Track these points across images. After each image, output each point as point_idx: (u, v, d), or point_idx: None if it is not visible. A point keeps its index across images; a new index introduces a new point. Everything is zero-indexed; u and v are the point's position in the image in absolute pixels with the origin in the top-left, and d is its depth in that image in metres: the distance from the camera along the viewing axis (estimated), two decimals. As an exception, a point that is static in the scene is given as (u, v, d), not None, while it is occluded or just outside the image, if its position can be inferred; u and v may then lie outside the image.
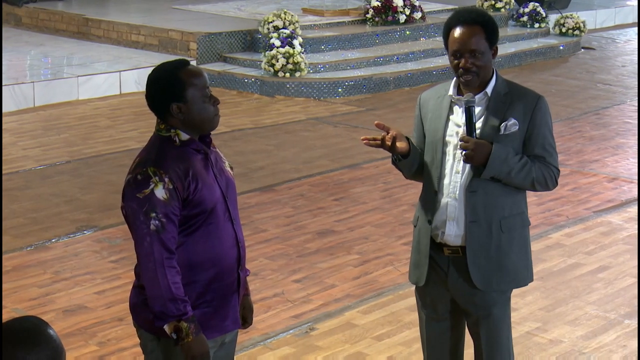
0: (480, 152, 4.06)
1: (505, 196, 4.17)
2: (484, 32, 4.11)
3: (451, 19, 4.18)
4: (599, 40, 16.91)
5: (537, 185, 4.18)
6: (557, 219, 7.98)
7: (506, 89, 4.21)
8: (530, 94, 4.25)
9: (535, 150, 4.17)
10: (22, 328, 2.60)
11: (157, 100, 3.70)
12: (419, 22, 14.35)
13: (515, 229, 4.22)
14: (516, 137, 4.14)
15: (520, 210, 4.25)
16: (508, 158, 4.09)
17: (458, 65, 4.12)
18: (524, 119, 4.15)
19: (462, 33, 4.11)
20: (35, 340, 2.59)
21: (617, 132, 10.93)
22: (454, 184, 4.17)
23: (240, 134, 10.32)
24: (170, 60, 3.79)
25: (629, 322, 6.14)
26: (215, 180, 3.71)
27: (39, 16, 14.60)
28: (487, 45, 4.12)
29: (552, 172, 4.20)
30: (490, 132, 4.12)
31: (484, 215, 4.14)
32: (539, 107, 4.20)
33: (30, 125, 10.47)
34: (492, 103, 4.16)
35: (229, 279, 3.74)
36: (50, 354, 2.59)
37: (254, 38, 13.13)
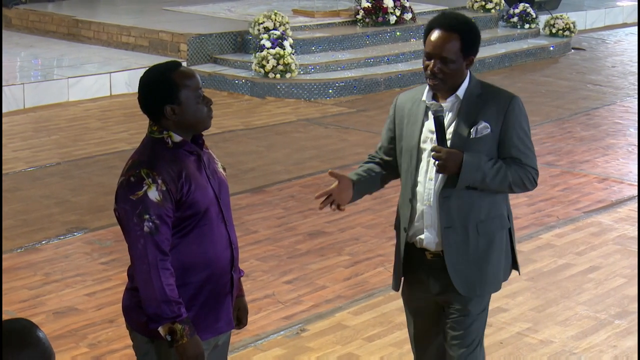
0: (452, 162, 3.98)
1: (481, 199, 4.10)
2: (461, 41, 4.03)
3: (433, 21, 4.12)
4: (589, 41, 16.95)
5: (514, 187, 4.11)
6: (548, 220, 7.99)
7: (479, 90, 4.12)
8: (504, 94, 4.14)
9: (510, 152, 4.08)
10: (11, 330, 2.61)
11: (150, 103, 3.69)
12: (409, 23, 14.36)
13: (493, 231, 4.15)
14: (489, 140, 4.06)
15: (499, 212, 4.18)
16: (481, 165, 4.01)
17: (427, 67, 4.08)
18: (496, 121, 4.05)
19: (437, 37, 4.04)
20: (24, 342, 2.59)
21: (608, 132, 10.95)
22: (428, 190, 4.11)
23: (231, 135, 10.32)
24: (162, 62, 3.78)
25: (620, 322, 6.16)
26: (208, 182, 3.71)
27: (29, 17, 14.57)
28: (460, 55, 4.04)
29: (529, 174, 4.12)
30: (461, 136, 4.04)
31: (459, 220, 4.09)
32: (512, 108, 4.08)
33: (20, 127, 10.44)
34: (464, 106, 4.08)
35: (222, 280, 3.74)
36: (39, 356, 2.59)
37: (244, 39, 13.13)
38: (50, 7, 14.91)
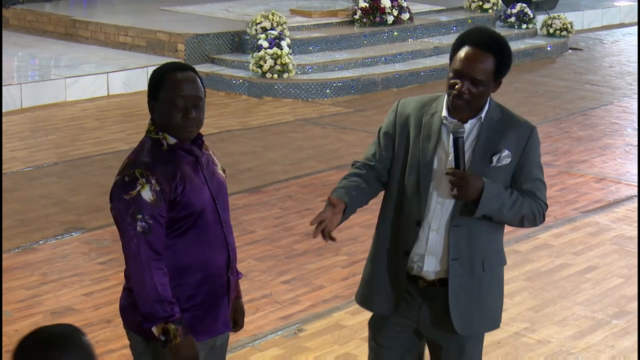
0: (472, 188, 3.72)
1: (487, 233, 3.89)
2: (495, 63, 3.75)
3: (467, 34, 3.81)
4: (586, 41, 16.96)
5: (525, 222, 3.92)
6: (545, 220, 7.99)
7: (499, 115, 3.88)
8: (524, 123, 3.90)
9: (525, 184, 3.87)
10: (59, 332, 2.69)
11: (148, 97, 3.72)
12: (406, 23, 14.36)
13: (494, 268, 3.95)
14: (507, 170, 3.83)
15: (499, 248, 3.98)
16: (500, 194, 3.78)
17: (454, 85, 3.75)
18: (516, 151, 3.82)
19: (471, 55, 3.72)
20: (70, 344, 2.66)
21: (605, 132, 10.96)
22: (437, 216, 3.83)
23: (228, 135, 10.32)
24: (175, 61, 3.81)
25: (617, 322, 6.16)
26: (205, 183, 3.70)
27: (26, 17, 14.56)
28: (492, 77, 3.77)
29: (541, 208, 3.93)
30: (481, 162, 3.80)
31: (467, 253, 3.84)
32: (533, 138, 3.86)
33: (17, 127, 10.44)
34: (484, 130, 3.83)
35: (218, 282, 3.74)
36: (82, 358, 2.66)
37: (241, 39, 13.12)
38: (48, 7, 14.90)
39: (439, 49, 14.07)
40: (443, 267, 3.86)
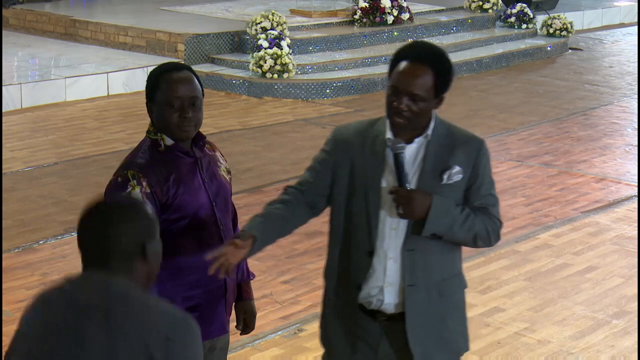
0: (417, 205, 3.48)
1: (443, 255, 3.64)
2: (434, 77, 3.52)
3: (404, 49, 3.64)
4: (586, 41, 16.96)
5: (479, 240, 3.65)
6: (545, 220, 8.00)
7: (446, 130, 3.64)
8: (473, 138, 3.67)
9: (477, 201, 3.63)
10: (124, 202, 2.91)
11: (146, 98, 3.72)
12: (406, 23, 14.36)
13: (453, 292, 3.71)
14: (459, 187, 3.60)
15: (457, 270, 3.74)
16: (450, 209, 3.54)
17: (391, 103, 3.52)
18: (466, 166, 3.59)
19: (408, 69, 3.52)
20: (138, 213, 2.82)
21: (605, 132, 10.96)
22: (393, 243, 3.59)
23: (228, 135, 10.31)
24: (171, 62, 3.82)
25: (617, 322, 6.16)
26: (203, 186, 3.69)
27: (26, 17, 14.56)
28: (432, 92, 3.52)
29: (496, 226, 3.67)
30: (430, 181, 3.56)
31: (423, 278, 3.59)
32: (483, 152, 3.63)
33: (17, 127, 10.44)
34: (432, 147, 3.59)
35: (214, 284, 3.71)
36: (152, 225, 2.83)
37: (241, 39, 13.12)
38: (48, 6, 14.90)
39: (439, 49, 14.05)
40: (401, 298, 3.61)
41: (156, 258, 2.86)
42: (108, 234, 2.76)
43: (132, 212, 2.82)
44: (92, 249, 2.80)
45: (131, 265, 2.77)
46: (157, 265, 2.88)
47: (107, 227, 2.77)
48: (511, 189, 8.73)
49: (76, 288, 2.78)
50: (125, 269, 2.77)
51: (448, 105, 12.52)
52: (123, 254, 2.77)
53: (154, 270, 2.86)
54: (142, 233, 2.79)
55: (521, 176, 9.13)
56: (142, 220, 2.81)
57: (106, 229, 2.76)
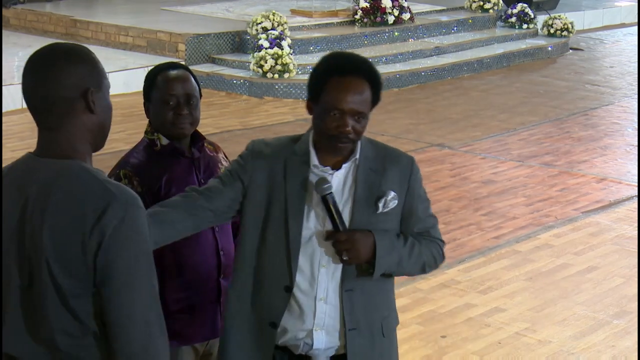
0: (362, 248, 3.14)
1: (381, 292, 3.32)
2: (371, 89, 3.20)
3: (331, 63, 3.21)
4: (587, 41, 16.95)
5: (427, 268, 3.35)
6: (546, 220, 7.99)
7: (374, 151, 3.28)
8: (403, 156, 3.33)
9: (417, 225, 3.31)
10: (69, 46, 2.68)
11: (143, 98, 3.74)
12: (407, 23, 14.36)
13: (392, 330, 3.39)
14: (395, 214, 3.26)
15: (393, 306, 3.41)
16: (394, 244, 3.22)
17: (336, 127, 3.12)
18: (400, 189, 3.25)
19: (351, 88, 3.13)
20: (79, 57, 2.64)
21: (605, 132, 10.95)
22: (323, 283, 3.20)
23: (229, 135, 10.31)
24: (166, 62, 3.83)
25: (618, 322, 6.15)
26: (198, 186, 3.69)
27: (26, 17, 14.57)
28: (370, 107, 3.20)
29: (439, 248, 3.37)
30: (364, 210, 3.21)
31: (365, 320, 3.24)
32: (415, 171, 3.30)
33: (17, 127, 10.43)
34: (362, 173, 3.22)
35: (205, 287, 3.69)
36: (99, 72, 2.68)
37: (242, 39, 13.12)
38: (48, 7, 14.90)
39: (439, 49, 14.07)
40: (341, 341, 3.24)
41: (105, 112, 2.64)
42: (46, 77, 2.56)
43: (75, 55, 2.62)
44: (33, 98, 2.58)
45: (74, 115, 2.57)
46: (107, 121, 2.66)
47: (46, 72, 2.56)
48: (512, 189, 8.73)
49: (21, 168, 2.62)
50: (69, 120, 2.56)
51: (449, 106, 12.54)
52: (63, 102, 2.55)
53: (103, 125, 2.64)
54: (84, 77, 2.59)
55: (522, 176, 9.12)
56: (85, 64, 2.62)
57: (44, 74, 2.56)
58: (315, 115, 3.18)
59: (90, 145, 2.65)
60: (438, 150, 9.84)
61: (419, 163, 3.44)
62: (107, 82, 2.69)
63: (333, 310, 3.21)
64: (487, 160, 9.58)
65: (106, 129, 2.68)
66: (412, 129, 10.65)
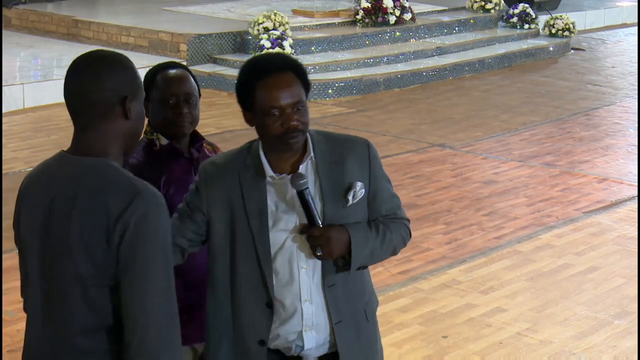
0: (336, 243, 3.15)
1: (362, 276, 3.34)
2: (299, 78, 3.17)
3: (249, 70, 3.19)
4: (588, 42, 16.95)
5: (397, 250, 3.38)
6: (547, 220, 7.99)
7: (325, 142, 3.25)
8: (357, 143, 3.30)
9: (383, 207, 3.31)
10: (111, 54, 2.82)
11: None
12: (409, 23, 14.36)
13: (374, 313, 3.42)
14: (363, 202, 3.25)
15: (371, 289, 3.44)
16: (367, 236, 3.23)
17: (281, 125, 3.11)
18: (362, 175, 3.24)
19: (279, 83, 3.11)
20: (125, 64, 2.82)
21: (607, 133, 10.95)
22: (305, 284, 3.21)
23: (231, 135, 10.31)
24: (166, 61, 3.84)
25: (619, 322, 6.15)
26: None
27: (28, 17, 14.57)
28: (305, 93, 3.17)
29: (406, 228, 3.39)
30: (335, 207, 3.19)
31: (349, 311, 3.27)
32: (373, 155, 3.28)
33: (19, 127, 10.44)
34: (322, 167, 3.21)
35: (204, 288, 3.69)
36: (133, 77, 2.83)
37: (244, 39, 13.12)
38: (50, 7, 14.91)
39: (441, 49, 14.07)
40: (331, 339, 3.27)
41: (138, 119, 2.76)
42: (89, 80, 2.70)
43: (118, 63, 2.77)
44: (73, 99, 2.74)
45: (110, 119, 2.70)
46: (140, 128, 2.78)
47: (89, 76, 2.71)
48: (513, 189, 8.73)
49: (53, 165, 2.79)
50: (104, 123, 2.70)
51: (451, 106, 12.56)
52: (102, 105, 2.69)
53: (135, 131, 2.76)
54: (124, 85, 2.74)
55: (523, 176, 9.12)
56: (127, 73, 2.78)
57: (87, 78, 2.71)
58: (257, 124, 3.17)
59: (121, 148, 2.76)
60: (439, 151, 9.84)
61: (421, 163, 3.46)
62: (143, 93, 2.83)
63: (319, 309, 3.23)
64: (489, 161, 9.58)
65: (137, 136, 2.80)
66: (414, 129, 10.65)
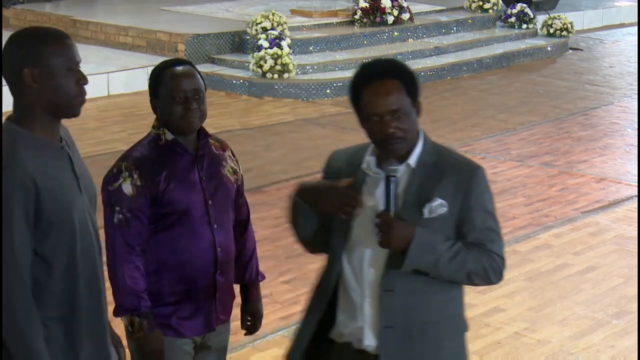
0: (399, 235, 3.19)
1: (431, 295, 3.29)
2: (403, 85, 3.28)
3: (358, 75, 3.37)
4: (586, 41, 16.96)
5: (474, 278, 3.28)
6: (545, 220, 7.99)
7: (435, 157, 3.32)
8: (465, 165, 3.33)
9: (470, 234, 3.28)
10: (51, 31, 3.14)
11: (149, 95, 3.76)
12: (407, 23, 14.36)
13: (445, 337, 3.35)
14: (445, 221, 3.26)
15: (454, 312, 3.39)
16: (436, 245, 3.21)
17: (379, 131, 3.25)
18: (454, 198, 3.26)
19: (380, 91, 3.26)
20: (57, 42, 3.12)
21: (605, 132, 10.96)
22: (368, 281, 3.30)
23: (229, 135, 10.31)
24: (171, 58, 3.86)
25: (617, 322, 6.16)
26: (200, 183, 3.71)
27: (26, 17, 14.56)
28: (409, 101, 3.27)
29: (495, 262, 3.30)
30: (412, 215, 3.24)
31: (402, 320, 3.26)
32: (477, 182, 3.29)
33: (17, 126, 10.43)
34: (416, 177, 3.29)
35: (200, 283, 3.73)
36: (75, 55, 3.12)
37: (242, 39, 13.12)
38: (48, 7, 14.90)
39: (439, 49, 14.07)
40: (378, 340, 3.31)
41: (44, 84, 2.97)
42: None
43: (18, 36, 3.00)
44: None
45: (17, 89, 3.01)
46: (50, 92, 2.99)
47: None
48: (511, 189, 8.73)
49: None
50: (16, 94, 3.01)
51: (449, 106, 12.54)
52: (8, 79, 3.02)
53: (46, 96, 2.99)
54: (19, 57, 2.97)
55: (521, 176, 9.13)
56: (22, 44, 2.98)
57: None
58: (363, 126, 3.35)
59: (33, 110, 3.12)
60: (438, 150, 9.84)
61: (420, 163, 3.44)
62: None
63: (375, 309, 3.28)
64: (487, 160, 9.58)
65: (49, 101, 3.10)
66: (412, 129, 10.64)
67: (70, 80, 3.07)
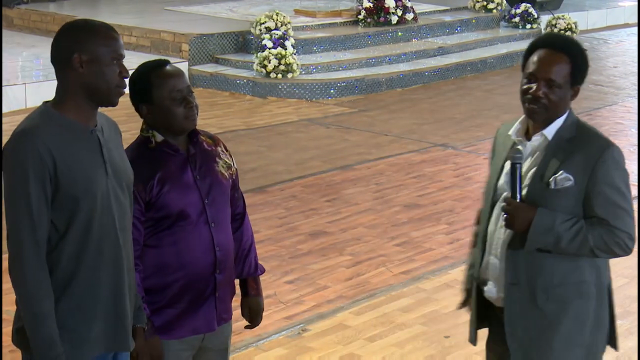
0: (520, 219, 3.50)
1: (557, 261, 3.57)
2: (571, 65, 3.55)
3: (538, 39, 3.65)
4: (590, 41, 16.95)
5: (598, 252, 3.53)
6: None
7: (573, 133, 3.57)
8: (597, 143, 3.55)
9: (596, 210, 3.50)
10: (103, 24, 3.36)
11: (132, 101, 3.76)
12: (411, 23, 14.36)
13: (569, 300, 3.59)
14: (571, 194, 3.50)
15: (579, 278, 3.60)
16: (554, 227, 3.48)
17: (528, 90, 3.56)
18: (583, 174, 3.49)
19: (545, 57, 3.54)
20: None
21: (609, 132, 10.94)
22: (497, 240, 3.65)
23: (233, 135, 10.32)
24: (151, 60, 3.79)
25: (621, 322, 6.13)
26: (195, 183, 3.69)
27: (30, 17, 14.58)
28: (568, 80, 3.55)
29: (619, 238, 3.52)
30: (540, 185, 3.53)
31: (526, 279, 3.58)
32: (605, 159, 3.50)
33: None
34: (551, 149, 3.56)
35: (200, 283, 3.72)
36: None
37: (246, 39, 13.13)
38: (52, 7, 14.92)
39: (443, 49, 14.07)
40: (503, 293, 3.66)
41: (90, 70, 3.23)
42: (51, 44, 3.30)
43: (72, 26, 3.29)
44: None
45: (63, 73, 3.29)
46: (94, 77, 3.24)
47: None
48: (515, 189, 8.71)
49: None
50: (61, 77, 3.30)
51: (453, 106, 12.52)
52: (56, 63, 3.32)
53: (90, 81, 3.24)
54: (71, 43, 3.25)
55: (525, 176, 9.11)
56: (75, 32, 3.27)
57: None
58: (520, 85, 3.62)
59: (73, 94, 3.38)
60: (441, 151, 9.84)
61: (423, 163, 3.48)
62: None
63: (501, 265, 3.62)
64: (491, 161, 9.57)
65: (93, 86, 3.32)
66: (416, 129, 10.65)
67: (114, 70, 3.27)
